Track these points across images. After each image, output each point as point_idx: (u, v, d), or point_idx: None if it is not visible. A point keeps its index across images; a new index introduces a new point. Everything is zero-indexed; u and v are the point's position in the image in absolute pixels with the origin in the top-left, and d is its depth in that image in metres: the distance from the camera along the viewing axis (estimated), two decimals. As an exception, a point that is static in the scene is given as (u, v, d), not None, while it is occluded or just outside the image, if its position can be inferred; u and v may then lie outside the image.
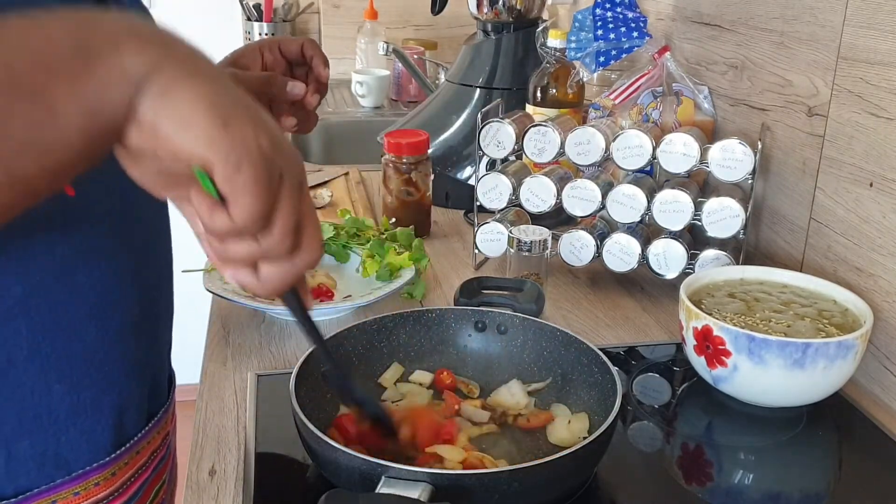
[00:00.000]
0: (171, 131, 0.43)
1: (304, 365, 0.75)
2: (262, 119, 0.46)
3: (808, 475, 0.79)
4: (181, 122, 0.43)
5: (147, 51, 0.43)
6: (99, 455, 0.67)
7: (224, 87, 0.45)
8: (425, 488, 0.60)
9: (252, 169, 0.44)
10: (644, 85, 1.26)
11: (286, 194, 0.47)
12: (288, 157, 0.47)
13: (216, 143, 0.43)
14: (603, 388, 0.76)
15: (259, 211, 0.45)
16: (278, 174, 0.46)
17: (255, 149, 0.44)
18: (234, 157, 0.43)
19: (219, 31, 2.61)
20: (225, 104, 0.44)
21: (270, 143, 0.45)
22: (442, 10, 1.66)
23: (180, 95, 0.43)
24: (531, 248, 1.03)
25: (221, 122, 0.43)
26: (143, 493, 0.73)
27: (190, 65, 0.44)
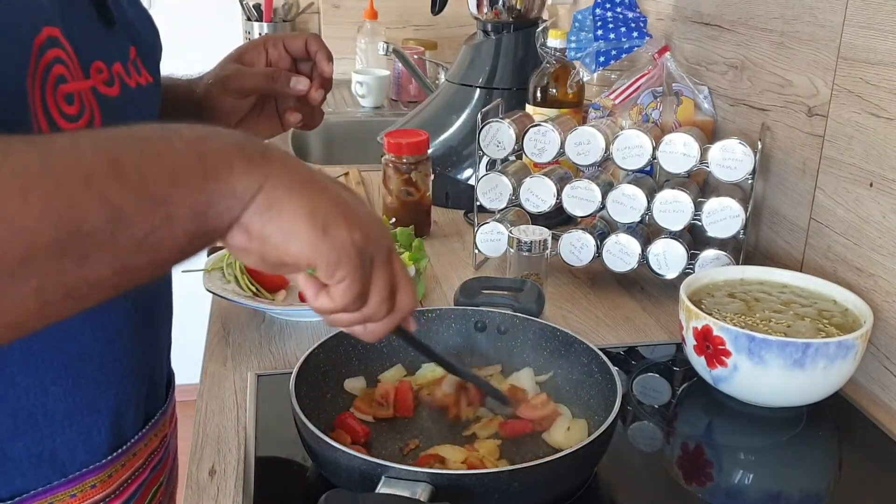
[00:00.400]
0: (279, 241, 0.50)
1: (304, 365, 0.75)
2: (355, 213, 0.53)
3: (808, 475, 0.79)
4: (287, 233, 0.50)
5: (253, 171, 0.49)
6: (95, 457, 0.67)
7: (319, 193, 0.52)
8: (425, 488, 0.60)
9: (349, 265, 0.52)
10: (644, 85, 1.26)
11: (378, 272, 0.56)
12: (377, 238, 0.55)
13: (318, 249, 0.51)
14: (603, 388, 0.76)
15: (355, 294, 0.54)
16: (370, 259, 0.54)
17: (350, 246, 0.52)
18: (335, 257, 0.52)
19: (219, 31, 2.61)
20: (322, 211, 0.51)
21: (363, 235, 0.53)
22: (442, 10, 1.66)
23: (284, 208, 0.49)
24: (531, 248, 1.03)
25: (321, 229, 0.51)
26: (140, 494, 0.73)
27: (288, 177, 0.50)
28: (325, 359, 0.79)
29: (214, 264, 1.05)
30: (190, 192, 0.46)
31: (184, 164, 0.46)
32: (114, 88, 0.63)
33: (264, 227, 0.49)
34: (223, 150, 0.48)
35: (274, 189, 0.49)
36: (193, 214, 0.46)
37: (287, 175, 0.50)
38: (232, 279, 1.02)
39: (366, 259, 0.54)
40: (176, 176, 0.46)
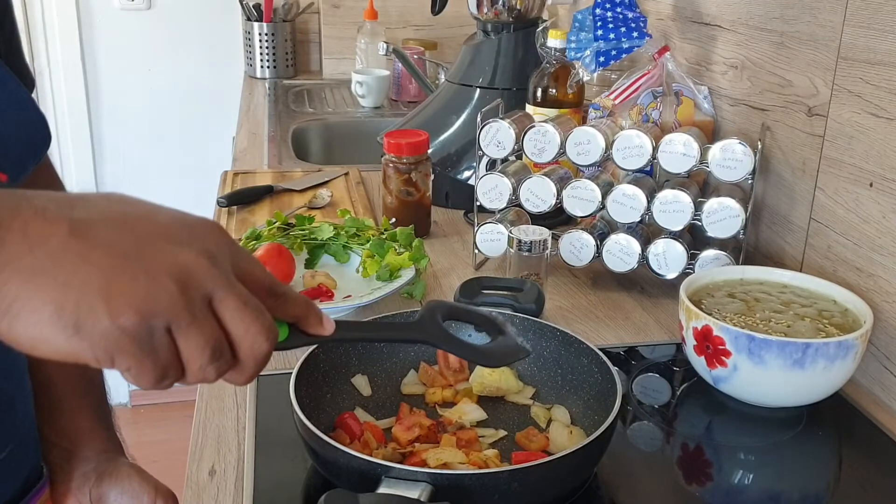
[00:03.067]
0: (32, 347, 0.41)
1: (304, 365, 0.75)
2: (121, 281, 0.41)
3: (808, 475, 0.79)
4: (35, 341, 0.41)
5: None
6: None
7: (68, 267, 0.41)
8: (425, 488, 0.60)
9: (124, 355, 0.42)
10: (644, 85, 1.26)
11: (181, 339, 0.43)
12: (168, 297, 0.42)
13: (77, 351, 0.41)
14: (603, 388, 0.76)
15: (155, 377, 0.43)
16: (161, 330, 0.42)
17: (118, 336, 0.41)
18: (101, 353, 0.41)
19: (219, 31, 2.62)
20: (72, 300, 0.40)
21: (136, 313, 0.41)
22: (442, 10, 1.66)
23: (22, 310, 0.40)
24: (531, 248, 1.03)
25: (72, 327, 0.40)
26: None
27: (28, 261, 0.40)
28: (325, 359, 0.79)
29: (214, 264, 1.05)
30: None
31: None
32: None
33: (10, 332, 0.41)
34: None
35: (6, 284, 0.40)
36: None
37: (27, 255, 0.40)
38: (232, 279, 1.02)
39: (152, 337, 0.42)
40: None
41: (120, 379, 0.48)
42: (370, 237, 1.12)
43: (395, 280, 1.04)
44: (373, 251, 1.08)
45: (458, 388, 0.83)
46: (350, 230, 1.14)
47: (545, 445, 0.75)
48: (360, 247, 1.11)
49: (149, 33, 2.56)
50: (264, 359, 0.46)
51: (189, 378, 0.45)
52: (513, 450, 0.75)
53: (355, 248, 1.12)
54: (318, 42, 2.55)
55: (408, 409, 0.80)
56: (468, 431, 0.77)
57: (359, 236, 1.13)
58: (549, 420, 0.79)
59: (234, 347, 0.45)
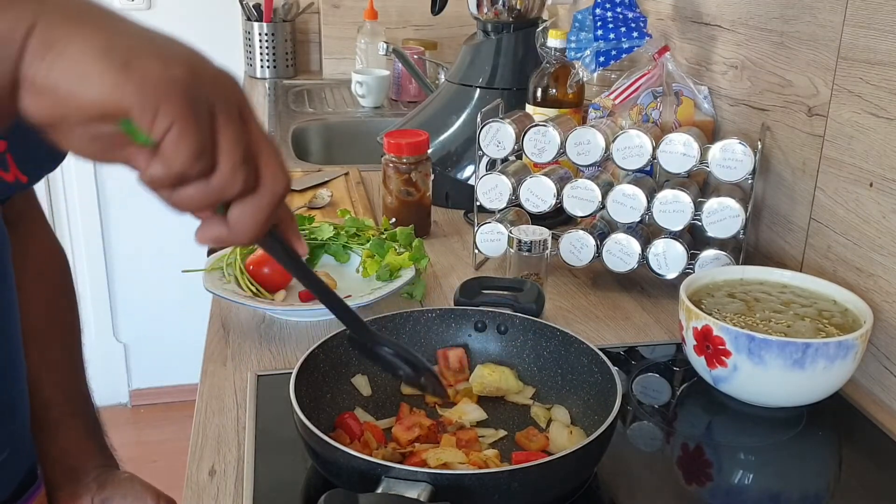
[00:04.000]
0: (71, 86, 0.38)
1: (304, 365, 0.75)
2: (173, 48, 0.41)
3: (808, 475, 0.79)
4: (77, 76, 0.38)
5: (16, 4, 0.38)
6: None
7: (117, 24, 0.40)
8: (425, 488, 0.60)
9: (171, 106, 0.39)
10: (644, 85, 1.26)
11: (223, 123, 0.41)
12: (215, 82, 0.41)
13: (122, 89, 0.38)
14: (603, 388, 0.76)
15: (193, 149, 0.40)
16: (206, 104, 0.41)
17: (168, 83, 0.39)
18: (149, 98, 0.38)
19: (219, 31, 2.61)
20: (121, 43, 0.39)
21: (187, 71, 0.40)
22: (442, 10, 1.66)
23: (68, 46, 0.38)
24: (531, 248, 1.03)
25: (120, 63, 0.38)
26: None
27: (73, 9, 0.39)
28: (325, 359, 0.79)
29: (214, 264, 1.05)
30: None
31: None
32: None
33: (49, 72, 0.38)
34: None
35: (52, 24, 0.38)
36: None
37: (71, 5, 0.39)
38: (232, 279, 1.02)
39: (199, 102, 0.40)
40: None
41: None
42: (370, 237, 1.12)
43: (395, 280, 1.04)
44: (373, 251, 1.08)
45: (458, 387, 0.83)
46: (350, 230, 1.14)
47: (545, 445, 0.75)
48: (360, 247, 1.11)
49: (149, 33, 2.55)
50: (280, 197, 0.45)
51: (217, 177, 0.42)
52: (513, 450, 0.75)
53: (355, 248, 1.12)
54: (318, 42, 2.55)
55: (408, 409, 0.80)
56: (468, 431, 0.77)
57: (359, 236, 1.13)
58: (549, 420, 0.79)
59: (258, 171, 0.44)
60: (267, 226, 0.46)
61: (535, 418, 0.80)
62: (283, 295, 1.04)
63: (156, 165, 0.40)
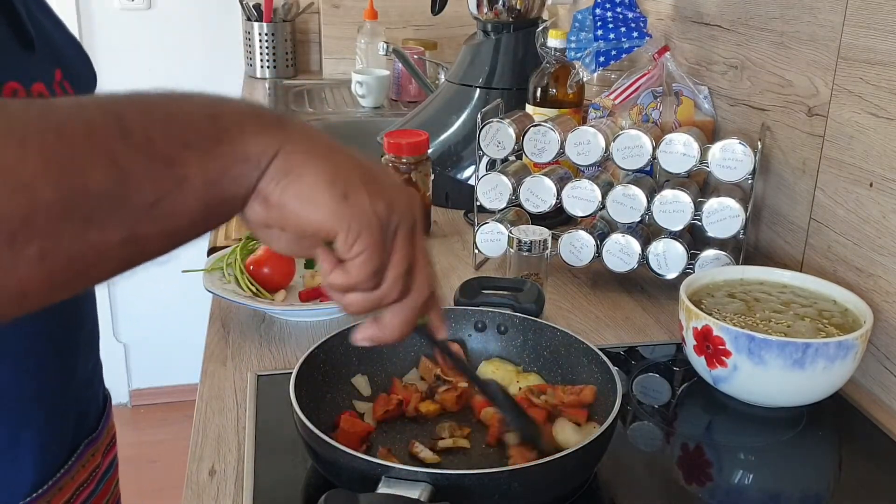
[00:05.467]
0: (298, 208, 0.47)
1: (304, 365, 0.75)
2: (379, 182, 0.50)
3: (808, 475, 0.79)
4: (306, 200, 0.47)
5: (268, 135, 0.46)
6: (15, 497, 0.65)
7: (339, 160, 0.49)
8: (425, 488, 0.60)
9: (369, 236, 0.49)
10: (644, 85, 1.26)
11: (399, 246, 0.51)
12: (402, 210, 0.51)
13: (339, 217, 0.48)
14: (603, 388, 0.76)
15: (372, 270, 0.50)
16: (393, 232, 0.51)
17: (372, 216, 0.49)
18: (355, 226, 0.48)
19: (219, 31, 2.62)
20: (343, 177, 0.48)
21: (386, 205, 0.50)
22: (442, 10, 1.66)
23: (303, 174, 0.47)
24: (531, 248, 1.03)
25: (341, 195, 0.48)
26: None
27: (307, 143, 0.48)
28: (325, 359, 0.79)
29: (214, 264, 1.05)
30: (201, 155, 0.44)
31: (195, 125, 0.44)
32: None
33: (283, 194, 0.46)
34: (236, 114, 0.46)
35: (292, 154, 0.47)
36: (206, 180, 0.44)
37: (306, 141, 0.48)
38: (232, 279, 1.02)
39: (388, 231, 0.50)
40: (186, 138, 0.43)
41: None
42: (370, 237, 1.11)
43: (395, 280, 1.04)
44: (373, 251, 1.08)
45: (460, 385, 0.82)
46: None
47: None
48: (360, 247, 1.11)
49: (149, 33, 2.55)
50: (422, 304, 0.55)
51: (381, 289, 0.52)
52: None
53: (355, 248, 1.12)
54: (318, 42, 2.55)
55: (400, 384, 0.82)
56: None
57: (359, 236, 1.13)
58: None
59: (412, 279, 0.53)
60: (414, 325, 0.56)
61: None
62: (283, 295, 1.04)
63: (338, 274, 0.51)
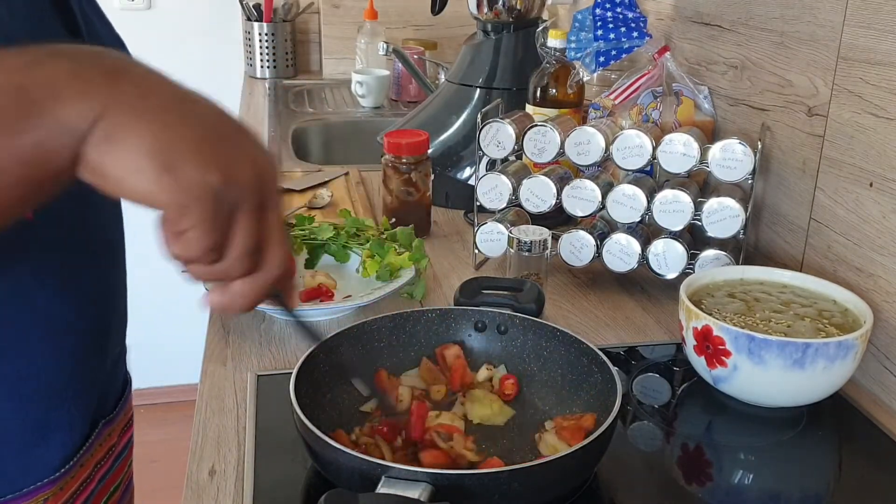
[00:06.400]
0: (118, 177, 0.43)
1: (304, 365, 0.75)
2: (223, 149, 0.46)
3: (808, 475, 0.79)
4: (125, 169, 0.43)
5: (89, 97, 0.42)
6: (47, 471, 0.66)
7: (173, 121, 0.44)
8: (425, 488, 0.60)
9: (198, 212, 0.45)
10: (644, 85, 1.26)
11: (241, 221, 0.47)
12: (245, 182, 0.47)
13: (161, 189, 0.44)
14: (603, 388, 0.76)
15: (206, 247, 0.47)
16: (229, 205, 0.46)
17: (201, 190, 0.44)
18: (181, 200, 0.44)
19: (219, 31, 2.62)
20: (170, 144, 0.44)
21: (222, 178, 0.45)
22: (442, 10, 1.66)
23: (124, 141, 0.43)
24: (531, 248, 1.03)
25: (164, 166, 0.43)
26: (91, 501, 0.72)
27: (137, 103, 0.43)
28: (325, 359, 0.79)
29: (214, 264, 1.05)
30: (9, 135, 0.40)
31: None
32: None
33: (103, 161, 0.43)
34: (51, 77, 0.42)
35: (116, 116, 0.43)
36: (19, 161, 0.41)
37: (138, 100, 0.44)
38: (232, 279, 1.02)
39: (223, 206, 0.46)
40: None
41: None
42: (370, 237, 1.12)
43: (395, 280, 1.04)
44: (373, 251, 1.08)
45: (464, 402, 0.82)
46: (350, 230, 1.14)
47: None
48: (360, 247, 1.11)
49: (149, 33, 2.55)
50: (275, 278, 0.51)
51: (223, 264, 0.48)
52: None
53: (355, 248, 1.12)
54: (318, 42, 2.55)
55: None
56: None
57: (359, 236, 1.13)
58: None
59: (263, 255, 0.50)
60: (262, 299, 0.53)
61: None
62: (283, 295, 1.04)
63: (175, 245, 0.47)
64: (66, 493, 0.69)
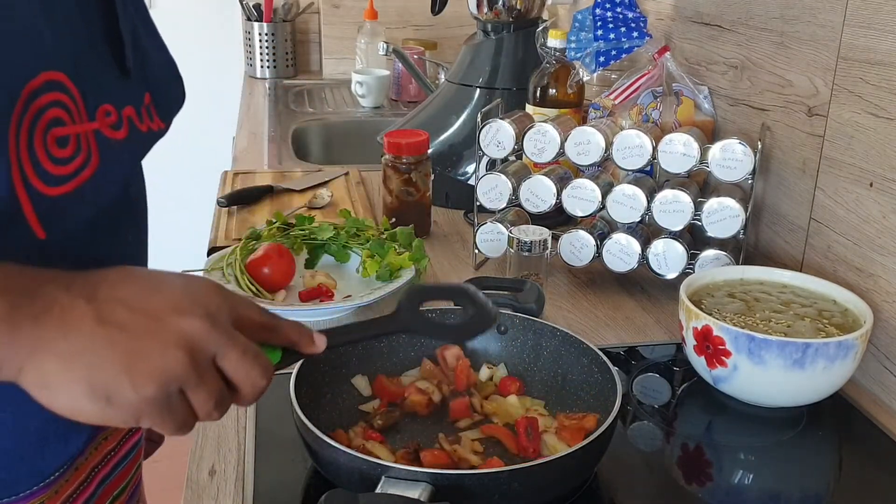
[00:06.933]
0: (69, 413, 0.48)
1: (304, 365, 0.75)
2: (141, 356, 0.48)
3: (808, 475, 0.79)
4: (71, 411, 0.48)
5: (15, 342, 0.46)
6: (41, 478, 0.66)
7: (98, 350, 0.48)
8: (425, 488, 0.60)
9: (148, 417, 0.49)
10: (644, 85, 1.26)
11: (192, 395, 0.51)
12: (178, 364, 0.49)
13: (109, 419, 0.49)
14: (603, 388, 0.76)
15: (174, 429, 0.52)
16: (176, 392, 0.50)
17: (141, 405, 0.48)
18: (130, 418, 0.49)
19: (219, 31, 2.62)
20: (103, 378, 0.47)
21: (155, 383, 0.48)
22: (442, 10, 1.66)
23: (60, 388, 0.47)
24: (531, 248, 1.03)
25: (104, 401, 0.48)
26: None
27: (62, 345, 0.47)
28: (325, 359, 0.79)
29: (214, 264, 1.05)
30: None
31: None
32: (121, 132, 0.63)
33: (49, 403, 0.48)
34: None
35: (42, 364, 0.47)
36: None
37: (62, 340, 0.47)
38: (232, 279, 1.02)
39: (170, 399, 0.50)
40: None
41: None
42: (370, 237, 1.12)
43: (395, 280, 1.04)
44: (373, 251, 1.08)
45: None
46: (350, 230, 1.14)
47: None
48: (360, 247, 1.11)
49: (149, 33, 2.55)
50: (263, 390, 0.55)
51: (201, 419, 0.53)
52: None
53: (355, 248, 1.12)
54: (318, 42, 2.55)
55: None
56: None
57: (359, 236, 1.13)
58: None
59: (238, 389, 0.53)
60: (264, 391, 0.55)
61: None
62: (283, 295, 1.04)
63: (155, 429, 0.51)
64: (61, 497, 0.69)
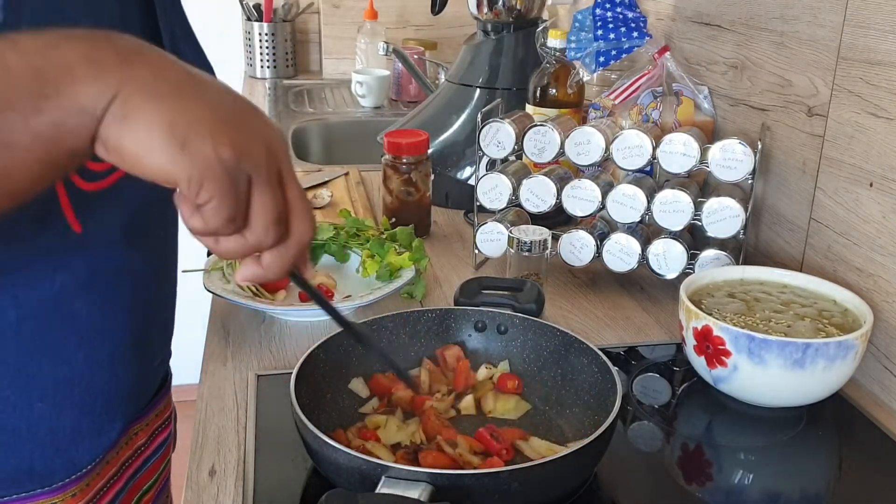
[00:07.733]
0: (134, 155, 0.45)
1: (304, 365, 0.75)
2: (232, 126, 0.47)
3: (808, 475, 0.79)
4: (142, 147, 0.45)
5: (104, 77, 0.44)
6: (74, 470, 0.67)
7: (187, 101, 0.46)
8: (425, 488, 0.60)
9: (213, 185, 0.46)
10: (644, 85, 1.26)
11: (258, 193, 0.49)
12: (258, 156, 0.48)
13: (177, 165, 0.45)
14: (603, 388, 0.76)
15: (225, 217, 0.48)
16: (245, 178, 0.48)
17: (215, 164, 0.46)
18: (196, 175, 0.46)
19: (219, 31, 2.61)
20: (184, 122, 0.45)
21: (235, 152, 0.46)
22: (442, 10, 1.66)
23: (139, 120, 0.44)
24: (531, 248, 1.03)
25: (179, 143, 0.45)
26: (122, 499, 0.73)
27: (150, 84, 0.45)
28: (325, 359, 0.79)
29: (214, 264, 1.05)
30: (25, 116, 0.42)
31: (16, 84, 0.42)
32: None
33: (119, 139, 0.44)
34: (66, 60, 0.43)
35: (131, 96, 0.44)
36: (37, 139, 0.42)
37: (151, 80, 0.45)
38: (232, 279, 1.02)
39: (238, 178, 0.47)
40: (7, 98, 0.41)
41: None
42: (370, 237, 1.12)
43: (395, 280, 1.04)
44: (373, 251, 1.08)
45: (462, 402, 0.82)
46: (350, 230, 1.14)
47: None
48: (360, 247, 1.11)
49: (149, 33, 2.55)
50: (306, 245, 0.53)
51: (251, 233, 0.50)
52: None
53: (355, 248, 1.12)
54: (318, 42, 2.55)
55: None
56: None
57: (359, 236, 1.13)
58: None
59: (290, 227, 0.51)
60: (294, 266, 0.54)
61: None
62: (283, 295, 1.04)
63: (196, 220, 0.48)
64: (92, 489, 0.69)
